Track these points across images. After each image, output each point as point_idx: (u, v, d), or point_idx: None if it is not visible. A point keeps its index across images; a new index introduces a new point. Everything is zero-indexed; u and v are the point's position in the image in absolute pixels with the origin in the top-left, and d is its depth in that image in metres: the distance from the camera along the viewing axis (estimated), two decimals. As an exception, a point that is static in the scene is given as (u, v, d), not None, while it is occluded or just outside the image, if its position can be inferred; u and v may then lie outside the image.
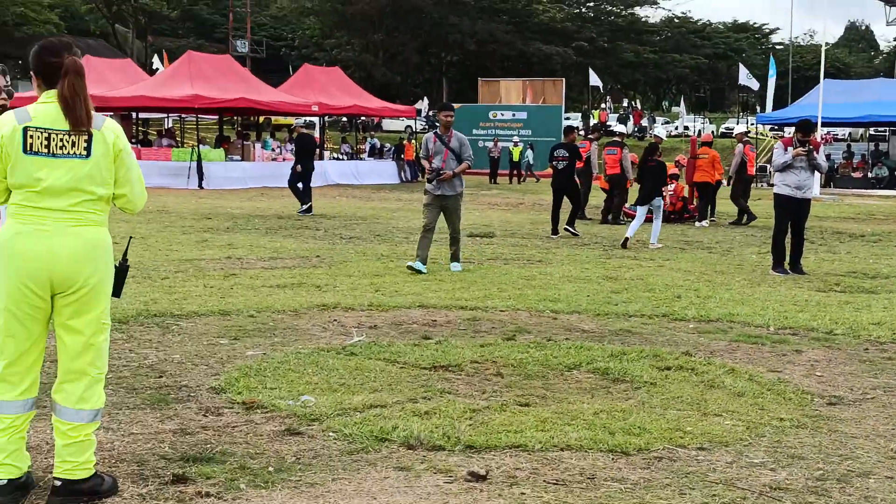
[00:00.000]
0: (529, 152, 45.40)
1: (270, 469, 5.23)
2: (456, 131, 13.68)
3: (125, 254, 4.97)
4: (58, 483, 4.67)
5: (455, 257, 13.68)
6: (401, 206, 26.67)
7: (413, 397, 6.72)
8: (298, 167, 23.59)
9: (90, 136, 4.63)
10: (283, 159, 35.30)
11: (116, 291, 4.87)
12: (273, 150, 37.83)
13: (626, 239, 17.14)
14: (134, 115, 41.03)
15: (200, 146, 35.20)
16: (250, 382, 7.03)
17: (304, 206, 23.27)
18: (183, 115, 45.90)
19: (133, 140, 37.78)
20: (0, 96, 5.33)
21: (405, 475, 5.19)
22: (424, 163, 13.72)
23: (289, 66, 71.71)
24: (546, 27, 78.57)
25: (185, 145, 40.20)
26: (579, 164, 20.41)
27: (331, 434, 5.88)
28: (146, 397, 6.65)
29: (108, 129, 4.71)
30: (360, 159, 43.68)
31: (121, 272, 4.90)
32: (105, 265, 4.73)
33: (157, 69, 54.47)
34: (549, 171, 21.20)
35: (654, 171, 17.73)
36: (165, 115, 47.86)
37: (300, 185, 23.73)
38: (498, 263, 14.58)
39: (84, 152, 4.61)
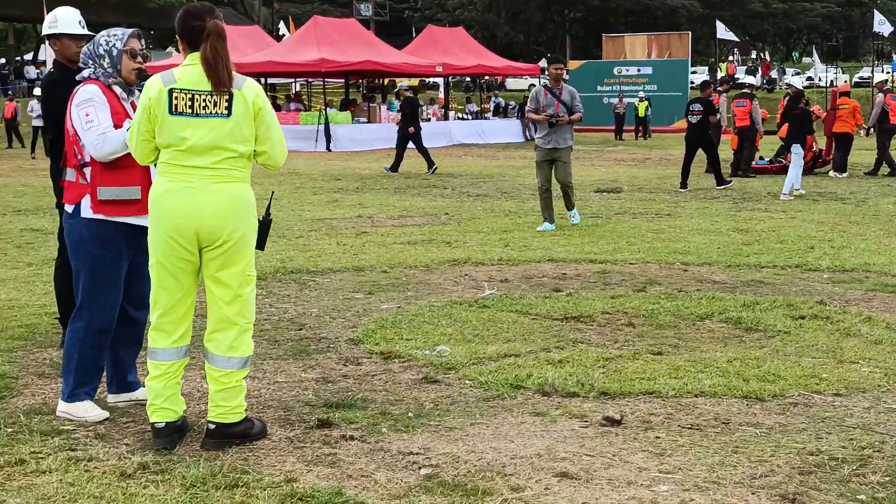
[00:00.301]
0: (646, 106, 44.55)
1: (410, 415, 5.40)
2: (566, 84, 13.54)
3: (268, 208, 5.16)
4: (212, 426, 4.91)
5: (570, 205, 13.44)
6: (526, 164, 26.65)
7: (546, 347, 6.83)
8: (411, 129, 23.75)
9: (231, 95, 4.81)
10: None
11: (260, 244, 5.06)
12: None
13: (791, 191, 17.10)
14: (263, 80, 41.76)
15: (328, 109, 35.73)
16: (387, 334, 7.22)
17: (431, 168, 23.51)
18: (310, 80, 46.55)
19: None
20: (136, 60, 5.52)
21: (541, 420, 5.31)
22: (534, 116, 13.43)
23: (412, 28, 71.98)
24: (671, -21, 77.10)
25: (312, 109, 40.83)
26: (713, 120, 20.04)
27: (467, 382, 6.02)
28: (288, 348, 6.90)
29: (248, 89, 4.87)
30: (485, 118, 43.73)
31: (264, 226, 5.08)
32: (247, 220, 4.91)
33: (284, 35, 55.23)
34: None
35: (798, 119, 17.83)
36: (293, 80, 48.65)
37: (413, 146, 23.89)
38: (626, 218, 14.53)
39: (225, 111, 4.80)
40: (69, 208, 5.39)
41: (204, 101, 4.79)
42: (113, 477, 4.48)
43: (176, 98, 4.79)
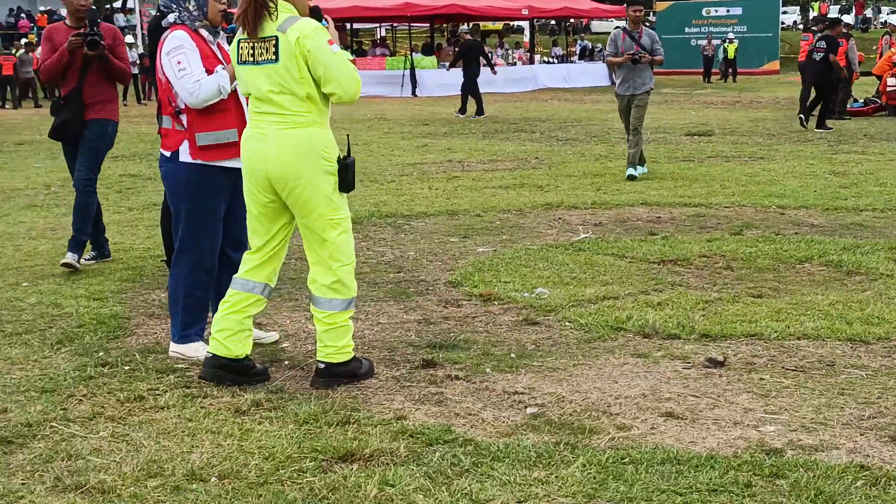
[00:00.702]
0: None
1: (513, 355, 5.46)
2: (645, 27, 13.06)
3: (348, 149, 5.04)
4: (321, 366, 5.02)
5: (634, 160, 12.60)
6: (614, 108, 26.33)
7: (644, 290, 6.83)
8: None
9: (276, 39, 4.80)
10: (494, 65, 35.40)
11: (343, 186, 4.97)
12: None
13: None
14: (348, 25, 41.81)
15: (413, 54, 35.67)
16: (484, 277, 7.28)
17: (475, 112, 23.49)
18: (395, 24, 46.49)
19: (348, 49, 38.58)
20: (221, 1, 5.47)
21: (643, 361, 5.33)
22: (613, 59, 12.88)
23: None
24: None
25: (397, 54, 40.80)
26: (833, 59, 19.57)
27: (567, 324, 6.06)
28: (388, 291, 7.00)
29: (291, 31, 4.77)
30: (571, 62, 43.31)
31: (343, 167, 4.94)
32: (314, 165, 4.86)
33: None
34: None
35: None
36: (378, 25, 48.60)
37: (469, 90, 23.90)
38: (718, 161, 14.36)
39: (273, 57, 4.80)
40: (167, 154, 5.49)
41: (258, 48, 4.83)
42: (228, 413, 4.62)
43: (241, 48, 4.90)
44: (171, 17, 5.45)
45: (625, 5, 13.36)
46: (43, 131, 13.36)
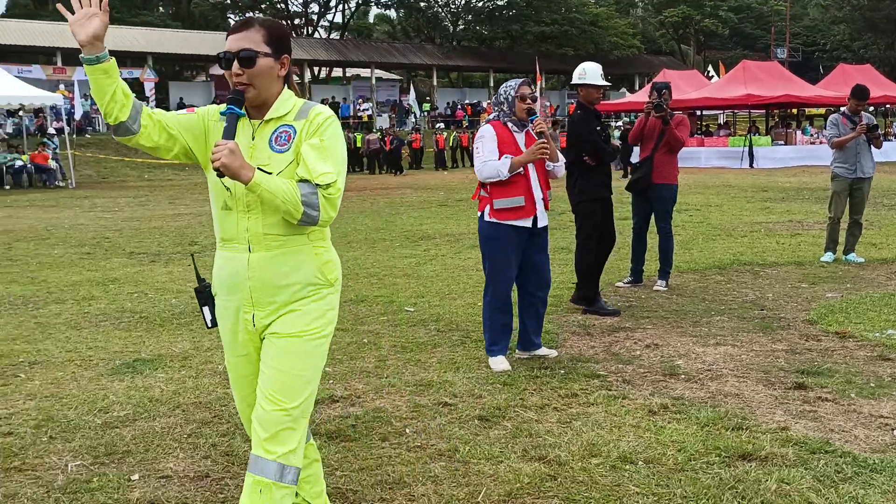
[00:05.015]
0: None
1: (872, 385, 5.05)
2: (865, 113, 9.85)
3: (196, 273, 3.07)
4: None
5: (852, 247, 9.75)
6: (930, 179, 23.90)
7: None
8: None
9: None
10: (820, 143, 33.19)
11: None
12: (811, 135, 35.71)
13: None
14: (698, 112, 40.84)
15: (751, 134, 34.21)
16: (837, 317, 6.81)
17: None
18: (735, 111, 44.80)
19: (698, 131, 37.65)
20: (525, 102, 5.46)
21: None
22: (842, 139, 9.49)
23: (819, 67, 67.01)
24: None
25: (737, 134, 39.22)
26: None
27: (918, 361, 5.53)
28: (755, 325, 6.70)
29: None
30: (888, 140, 39.67)
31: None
32: None
33: (712, 76, 53.53)
34: None
35: None
36: (720, 112, 47.03)
37: None
38: None
39: None
40: (479, 213, 5.60)
41: None
42: (643, 413, 4.60)
43: None
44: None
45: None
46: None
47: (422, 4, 61.96)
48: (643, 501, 3.48)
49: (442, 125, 41.16)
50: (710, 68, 64.30)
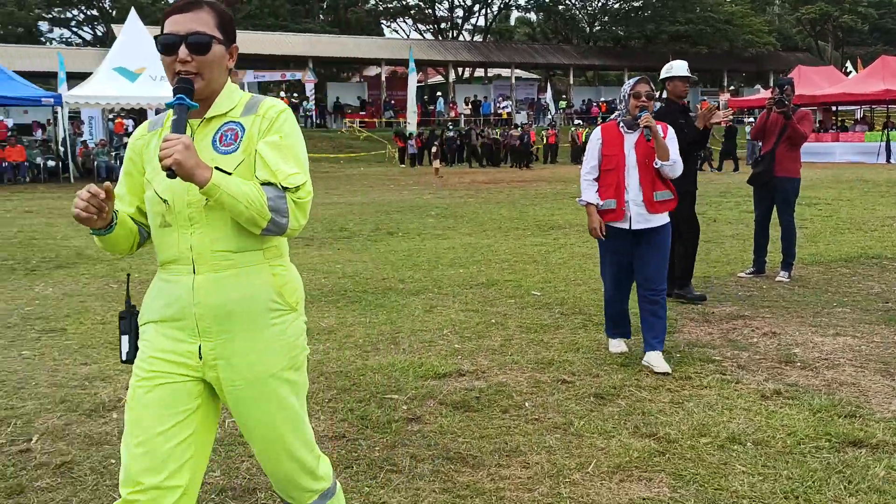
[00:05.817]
0: None
1: None
2: None
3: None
4: None
5: None
6: None
7: None
8: None
9: None
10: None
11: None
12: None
13: None
14: (834, 107, 38.76)
15: (888, 130, 32.19)
16: (965, 312, 6.39)
17: None
18: (873, 106, 42.26)
19: (833, 127, 35.75)
20: (640, 100, 5.09)
21: None
22: None
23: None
24: None
25: (874, 129, 37.01)
26: None
27: None
28: (878, 317, 6.36)
29: None
30: None
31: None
32: None
33: (850, 72, 50.66)
34: None
35: None
36: (857, 107, 44.47)
37: None
38: None
39: None
40: None
41: None
42: (755, 397, 4.49)
43: None
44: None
45: None
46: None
47: (560, 7, 61.41)
48: (748, 480, 3.42)
49: (580, 122, 40.70)
50: (847, 64, 60.95)
